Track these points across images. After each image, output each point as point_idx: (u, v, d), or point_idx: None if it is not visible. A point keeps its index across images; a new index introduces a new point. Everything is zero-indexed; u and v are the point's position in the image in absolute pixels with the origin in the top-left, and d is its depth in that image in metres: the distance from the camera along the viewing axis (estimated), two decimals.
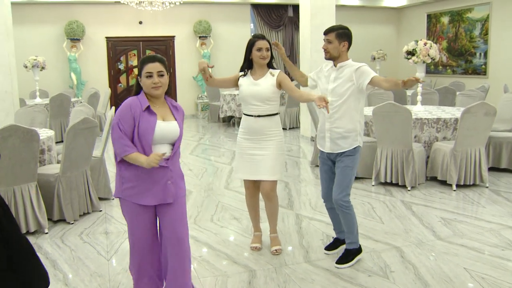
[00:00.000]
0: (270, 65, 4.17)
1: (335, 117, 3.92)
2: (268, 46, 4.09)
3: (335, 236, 4.44)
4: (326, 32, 4.00)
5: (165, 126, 3.00)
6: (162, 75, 2.99)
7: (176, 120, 3.08)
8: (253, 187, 4.35)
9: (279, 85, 4.09)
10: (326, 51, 3.97)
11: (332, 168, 4.07)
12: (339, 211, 4.00)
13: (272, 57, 4.15)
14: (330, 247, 4.35)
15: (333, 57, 3.96)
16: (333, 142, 3.97)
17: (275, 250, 4.33)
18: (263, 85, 4.07)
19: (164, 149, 3.02)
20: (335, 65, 3.99)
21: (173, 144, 3.09)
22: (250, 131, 4.15)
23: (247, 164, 4.19)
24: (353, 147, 3.92)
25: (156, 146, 2.99)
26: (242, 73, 4.19)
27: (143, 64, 2.99)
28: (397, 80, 3.66)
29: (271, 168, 4.14)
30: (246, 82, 4.14)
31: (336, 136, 3.94)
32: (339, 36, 3.92)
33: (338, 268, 4.01)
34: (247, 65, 4.16)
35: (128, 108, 2.94)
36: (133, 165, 2.95)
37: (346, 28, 3.99)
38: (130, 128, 2.93)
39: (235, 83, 4.23)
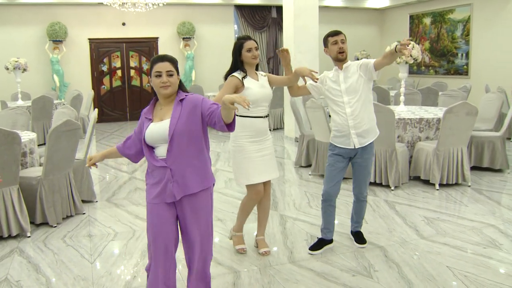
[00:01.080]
0: (255, 67, 4.17)
1: (357, 113, 4.08)
2: (257, 46, 4.08)
3: (320, 236, 4.46)
4: (337, 34, 4.10)
5: (153, 128, 2.95)
6: (171, 75, 2.94)
7: (171, 117, 2.95)
8: (262, 191, 4.21)
9: (270, 82, 4.20)
10: (343, 51, 4.08)
11: (347, 165, 4.27)
12: (361, 202, 4.41)
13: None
14: (314, 248, 4.37)
15: (344, 58, 4.11)
16: (360, 137, 4.13)
17: (265, 251, 4.34)
18: (267, 87, 4.13)
19: (161, 150, 2.96)
20: (340, 68, 4.12)
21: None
22: (258, 133, 4.07)
23: (262, 166, 4.11)
24: (376, 135, 4.22)
25: (156, 149, 2.97)
26: (238, 75, 4.00)
27: (153, 64, 2.97)
28: (389, 51, 3.91)
29: (275, 165, 4.29)
30: (254, 85, 4.01)
31: (362, 130, 4.11)
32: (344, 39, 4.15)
33: (361, 247, 4.42)
34: (237, 68, 4.06)
35: (144, 112, 3.09)
36: (148, 166, 3.04)
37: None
38: (139, 129, 3.06)
39: (234, 91, 3.95)
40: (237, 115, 3.90)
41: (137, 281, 3.89)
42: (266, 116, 4.13)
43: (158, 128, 2.94)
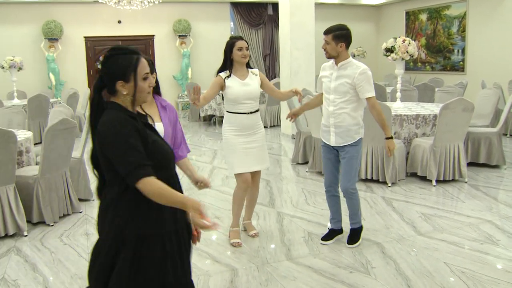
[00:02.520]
0: (247, 65, 4.43)
1: (338, 113, 4.14)
2: (247, 46, 4.35)
3: (330, 227, 4.57)
4: (325, 33, 4.14)
5: None
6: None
7: (162, 122, 3.01)
8: (249, 180, 4.50)
9: (261, 84, 4.45)
10: (325, 51, 4.14)
11: (337, 157, 4.30)
12: (347, 198, 4.28)
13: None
14: (326, 238, 4.48)
15: (332, 57, 4.14)
16: (337, 136, 4.19)
17: (254, 233, 4.67)
18: (252, 85, 4.36)
19: None
20: (336, 64, 4.16)
21: None
22: (242, 128, 4.38)
23: (245, 158, 4.40)
24: (356, 139, 4.17)
25: None
26: (223, 75, 4.32)
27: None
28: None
29: (264, 157, 4.55)
30: (235, 84, 4.31)
31: (340, 130, 4.16)
32: (336, 38, 4.07)
33: (350, 247, 4.34)
34: (227, 66, 4.35)
35: None
36: None
37: (344, 29, 4.13)
38: None
39: (219, 89, 4.34)
40: (226, 111, 4.42)
41: None
42: (252, 113, 4.39)
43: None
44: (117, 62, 2.16)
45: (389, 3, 15.36)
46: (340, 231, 4.52)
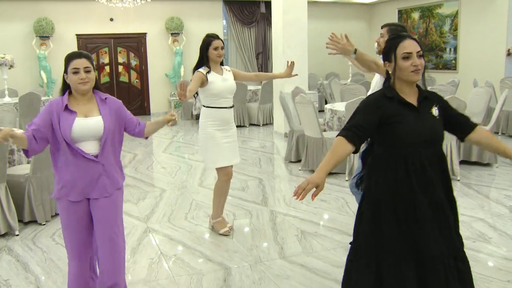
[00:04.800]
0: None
1: None
2: (223, 46, 4.54)
3: None
4: (383, 26, 4.07)
5: (84, 123, 2.93)
6: (89, 71, 2.95)
7: (101, 115, 3.00)
8: (231, 172, 4.70)
9: (236, 77, 4.67)
10: (378, 44, 4.09)
11: None
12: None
13: None
14: None
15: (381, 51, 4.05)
16: None
17: (227, 230, 4.72)
18: (230, 80, 4.54)
19: (89, 146, 2.96)
20: None
21: (101, 140, 3.00)
22: (223, 122, 4.53)
23: (226, 152, 4.56)
24: None
25: (82, 144, 2.93)
26: (203, 70, 4.41)
27: (69, 61, 2.95)
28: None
29: (237, 151, 4.73)
30: (217, 79, 4.45)
31: None
32: (390, 32, 3.92)
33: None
34: (204, 63, 4.48)
35: (49, 107, 2.94)
36: (65, 162, 2.94)
37: (403, 30, 3.93)
38: (43, 123, 2.90)
39: (201, 84, 4.40)
40: (206, 106, 4.53)
41: (127, 278, 3.87)
42: (231, 107, 4.57)
43: (88, 123, 2.94)
44: None
45: (381, 1, 15.37)
46: None
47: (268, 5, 12.88)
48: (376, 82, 4.15)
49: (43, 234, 4.85)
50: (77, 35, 13.46)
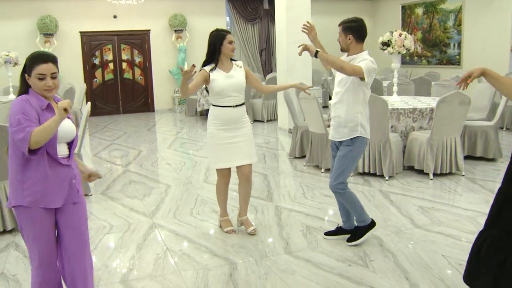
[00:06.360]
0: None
1: (337, 106, 4.12)
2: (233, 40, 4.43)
3: (339, 225, 4.50)
4: (339, 25, 4.10)
5: (64, 125, 2.80)
6: (55, 77, 2.80)
7: (69, 117, 2.91)
8: (228, 174, 4.63)
9: (246, 76, 4.46)
10: (339, 43, 4.11)
11: None
12: (336, 196, 4.24)
13: None
14: (329, 233, 4.46)
15: (344, 49, 4.11)
16: (335, 130, 4.17)
17: (254, 230, 4.59)
18: (237, 77, 4.37)
19: (62, 148, 2.86)
20: (347, 57, 4.11)
21: (69, 143, 2.93)
22: (227, 122, 4.38)
23: (227, 153, 4.41)
24: (350, 138, 4.06)
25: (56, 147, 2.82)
26: (207, 68, 4.32)
27: (34, 64, 2.77)
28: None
29: (250, 152, 4.51)
30: (220, 76, 4.32)
31: (337, 124, 4.13)
32: (345, 30, 4.03)
33: (348, 245, 4.23)
34: (215, 58, 4.36)
35: (28, 103, 2.71)
36: (40, 166, 2.75)
37: (354, 21, 4.06)
38: (35, 120, 2.67)
39: (204, 82, 4.33)
40: (212, 105, 4.43)
41: (133, 273, 3.90)
42: (237, 106, 4.38)
43: (65, 125, 2.82)
44: None
45: None
46: (349, 231, 4.37)
47: (272, 2, 12.87)
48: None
49: None
50: (80, 32, 13.49)
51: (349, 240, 4.29)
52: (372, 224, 4.32)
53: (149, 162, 7.87)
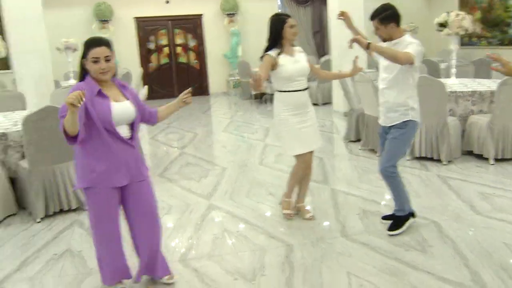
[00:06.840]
0: None
1: (385, 92, 4.08)
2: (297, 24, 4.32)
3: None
4: (371, 19, 4.05)
5: (119, 107, 2.97)
6: (109, 60, 2.93)
7: (128, 99, 3.06)
8: (310, 158, 4.52)
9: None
10: (380, 36, 4.06)
11: None
12: (384, 180, 4.16)
13: None
14: (387, 217, 4.40)
15: (387, 39, 4.03)
16: (384, 115, 4.14)
17: (310, 216, 4.60)
18: (301, 61, 4.32)
19: (123, 130, 3.02)
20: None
21: (131, 124, 3.09)
22: (298, 106, 4.30)
23: (303, 138, 4.35)
24: (402, 121, 4.01)
25: (117, 128, 2.98)
26: (273, 53, 4.20)
27: (89, 48, 2.92)
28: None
29: (317, 136, 4.52)
30: (287, 61, 4.22)
31: (386, 109, 4.09)
32: (383, 20, 3.98)
33: (389, 235, 4.14)
34: (277, 43, 4.25)
35: (75, 90, 2.74)
36: (103, 147, 2.93)
37: (387, 8, 4.01)
38: (80, 109, 2.74)
39: (271, 68, 4.21)
40: (278, 91, 4.32)
41: (191, 253, 4.00)
42: (305, 89, 4.33)
43: (123, 108, 2.98)
44: None
45: None
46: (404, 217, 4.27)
47: None
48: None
49: None
50: (135, 18, 13.73)
51: (389, 229, 4.19)
52: (409, 216, 4.24)
53: (204, 145, 7.99)
